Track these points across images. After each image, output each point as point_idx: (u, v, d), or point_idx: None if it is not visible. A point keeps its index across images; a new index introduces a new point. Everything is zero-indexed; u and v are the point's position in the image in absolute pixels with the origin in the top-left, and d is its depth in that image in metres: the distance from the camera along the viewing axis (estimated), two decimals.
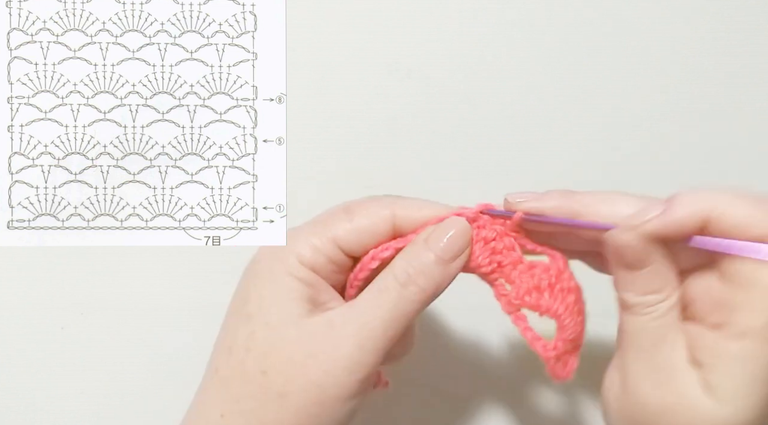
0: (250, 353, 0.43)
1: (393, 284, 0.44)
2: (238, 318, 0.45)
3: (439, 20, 0.57)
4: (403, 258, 0.44)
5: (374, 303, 0.44)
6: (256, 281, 0.45)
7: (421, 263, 0.44)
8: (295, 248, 0.45)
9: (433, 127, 0.57)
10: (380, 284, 0.44)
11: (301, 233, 0.46)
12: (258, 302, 0.44)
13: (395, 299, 0.44)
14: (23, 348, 0.56)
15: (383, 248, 0.45)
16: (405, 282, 0.44)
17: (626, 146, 0.58)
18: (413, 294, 0.44)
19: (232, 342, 0.44)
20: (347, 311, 0.44)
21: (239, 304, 0.45)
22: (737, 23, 0.58)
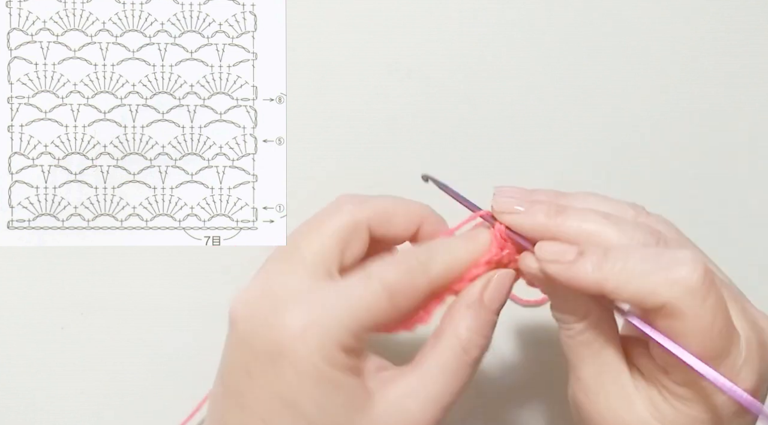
0: None
1: (467, 360, 0.42)
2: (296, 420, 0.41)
3: (439, 20, 0.57)
4: (470, 327, 0.42)
5: (451, 385, 0.42)
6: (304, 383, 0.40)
7: (489, 330, 0.43)
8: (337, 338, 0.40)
9: (433, 127, 0.57)
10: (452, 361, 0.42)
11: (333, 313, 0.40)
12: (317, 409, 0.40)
13: (469, 374, 0.43)
14: (23, 348, 0.56)
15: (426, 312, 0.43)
16: (479, 357, 0.43)
17: (626, 146, 0.58)
18: (478, 364, 0.43)
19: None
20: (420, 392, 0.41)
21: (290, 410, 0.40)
22: (737, 23, 0.58)
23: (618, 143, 0.58)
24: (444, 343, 0.42)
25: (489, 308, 0.43)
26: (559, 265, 0.41)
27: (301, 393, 0.40)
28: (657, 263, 0.39)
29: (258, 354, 0.41)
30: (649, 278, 0.39)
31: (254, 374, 0.41)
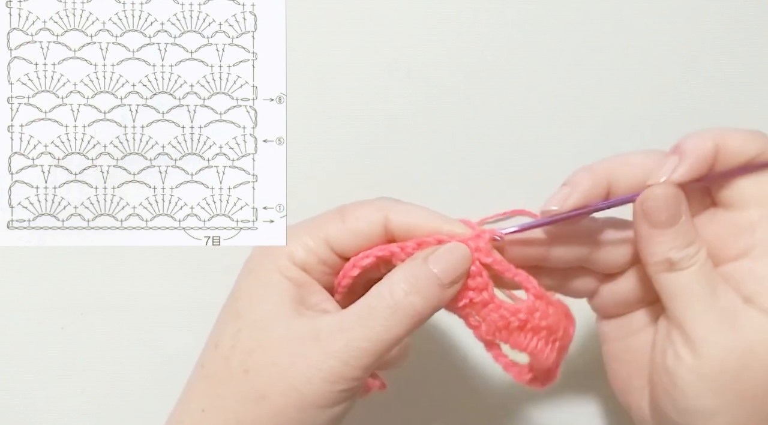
0: (235, 350, 0.43)
1: (386, 302, 0.42)
2: (227, 315, 0.45)
3: (439, 20, 0.57)
4: (401, 274, 0.43)
5: (364, 322, 0.42)
6: (248, 278, 0.45)
7: (421, 282, 0.43)
8: (287, 247, 0.45)
9: (433, 127, 0.57)
10: (372, 301, 0.43)
11: (295, 232, 0.46)
12: (247, 299, 0.44)
13: (386, 320, 0.42)
14: (23, 348, 0.56)
15: (364, 256, 0.44)
16: (400, 303, 0.42)
17: (626, 146, 0.58)
18: (407, 315, 0.42)
19: (218, 339, 0.45)
20: (335, 323, 0.43)
21: (230, 301, 0.46)
22: (737, 23, 0.58)
23: (618, 143, 0.58)
24: (375, 289, 0.43)
25: (431, 266, 0.43)
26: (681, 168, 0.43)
27: (242, 287, 0.45)
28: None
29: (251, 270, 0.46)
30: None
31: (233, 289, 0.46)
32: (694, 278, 0.43)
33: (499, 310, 0.44)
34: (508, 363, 0.46)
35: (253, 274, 0.45)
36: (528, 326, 0.45)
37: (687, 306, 0.43)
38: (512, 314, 0.44)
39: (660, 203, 0.43)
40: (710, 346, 0.42)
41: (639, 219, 0.44)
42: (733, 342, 0.42)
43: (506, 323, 0.44)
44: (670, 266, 0.43)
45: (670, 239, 0.43)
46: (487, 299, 0.44)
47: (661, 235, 0.43)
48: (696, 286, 0.43)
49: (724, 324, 0.42)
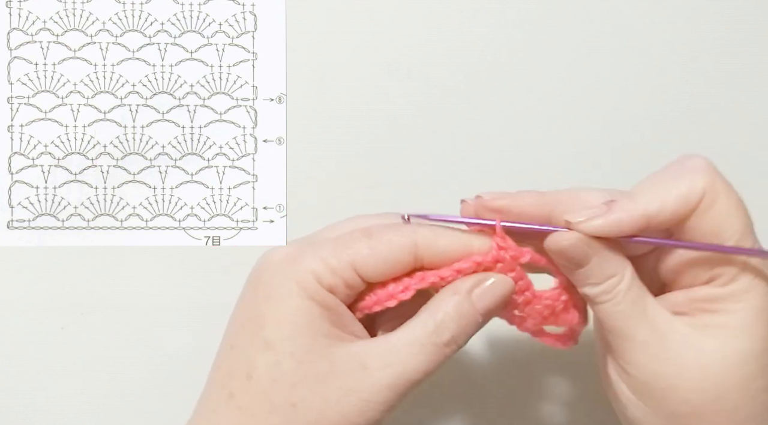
0: (277, 384, 0.42)
1: (436, 341, 0.42)
2: (255, 344, 0.42)
3: (439, 20, 0.57)
4: (449, 312, 0.43)
5: (414, 358, 0.42)
6: (272, 303, 0.42)
7: (467, 323, 0.43)
8: (312, 267, 0.42)
9: (433, 127, 0.57)
10: (422, 336, 0.42)
11: (317, 251, 0.43)
12: (277, 329, 0.42)
13: (436, 356, 0.42)
14: (23, 348, 0.56)
15: (404, 289, 0.43)
16: (449, 342, 0.42)
17: (626, 146, 0.58)
18: (451, 351, 0.43)
19: (250, 370, 0.42)
20: (383, 356, 0.42)
21: (253, 327, 0.43)
22: (737, 23, 0.58)
23: (618, 143, 0.58)
24: (418, 320, 0.43)
25: (474, 303, 0.43)
26: (599, 219, 0.42)
27: (266, 310, 0.42)
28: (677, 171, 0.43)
29: (247, 285, 0.44)
30: (680, 180, 0.42)
31: (238, 303, 0.44)
32: (612, 312, 0.43)
33: (542, 301, 0.45)
34: (553, 338, 0.47)
35: (276, 297, 0.42)
36: (570, 304, 0.46)
37: (611, 334, 0.43)
38: (555, 300, 0.45)
39: (563, 250, 0.42)
40: (637, 369, 0.43)
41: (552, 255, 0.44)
42: (654, 367, 0.42)
43: (552, 310, 0.45)
44: (589, 301, 0.44)
45: (582, 278, 0.43)
46: (530, 297, 0.45)
47: (573, 273, 0.43)
48: (615, 319, 0.43)
49: (644, 351, 0.42)
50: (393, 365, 0.42)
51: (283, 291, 0.42)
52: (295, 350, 0.42)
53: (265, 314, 0.42)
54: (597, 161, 0.58)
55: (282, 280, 0.42)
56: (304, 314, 0.42)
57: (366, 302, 0.44)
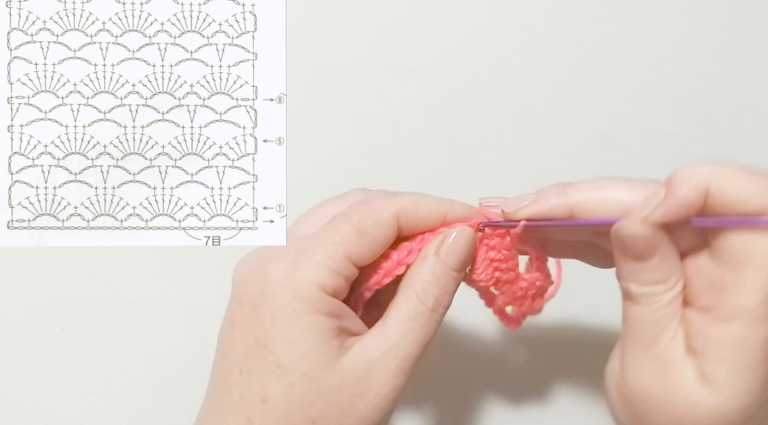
0: (294, 406, 0.42)
1: (422, 309, 0.43)
2: (267, 368, 0.42)
3: (439, 20, 0.57)
4: (422, 277, 0.44)
5: (409, 333, 0.43)
6: (278, 325, 0.42)
7: (445, 282, 0.44)
8: (314, 277, 0.42)
9: (433, 127, 0.57)
10: (408, 310, 0.43)
11: (311, 257, 0.43)
12: (288, 350, 0.42)
13: (427, 325, 0.43)
14: (23, 348, 0.56)
15: (408, 253, 0.44)
16: (435, 306, 0.43)
17: (626, 146, 0.58)
18: (440, 315, 0.44)
19: (266, 394, 0.42)
20: (381, 345, 0.43)
21: (263, 352, 0.42)
22: (737, 23, 0.58)
23: (618, 143, 0.58)
24: (402, 296, 0.44)
25: (445, 261, 0.44)
26: (662, 207, 0.40)
27: (275, 333, 0.42)
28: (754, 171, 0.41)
29: (243, 304, 0.43)
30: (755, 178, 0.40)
31: (236, 323, 0.43)
32: (643, 317, 0.42)
33: (519, 282, 0.47)
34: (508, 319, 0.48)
35: (283, 317, 0.42)
36: (542, 291, 0.47)
37: (629, 338, 0.42)
38: (532, 284, 0.47)
39: (629, 240, 0.41)
40: (634, 380, 0.42)
41: (612, 244, 0.42)
42: (655, 387, 0.42)
43: (525, 294, 0.47)
44: (628, 296, 0.42)
45: (635, 272, 0.42)
46: (514, 277, 0.46)
47: (629, 264, 0.42)
48: (642, 325, 0.42)
49: (652, 369, 0.42)
50: (393, 349, 0.43)
51: (288, 311, 0.42)
52: (308, 369, 0.42)
53: (274, 337, 0.42)
54: (597, 161, 0.58)
55: (286, 299, 0.42)
56: (313, 331, 0.42)
57: (375, 278, 0.45)
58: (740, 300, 0.39)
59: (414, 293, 0.43)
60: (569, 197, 0.43)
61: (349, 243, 0.43)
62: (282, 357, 0.42)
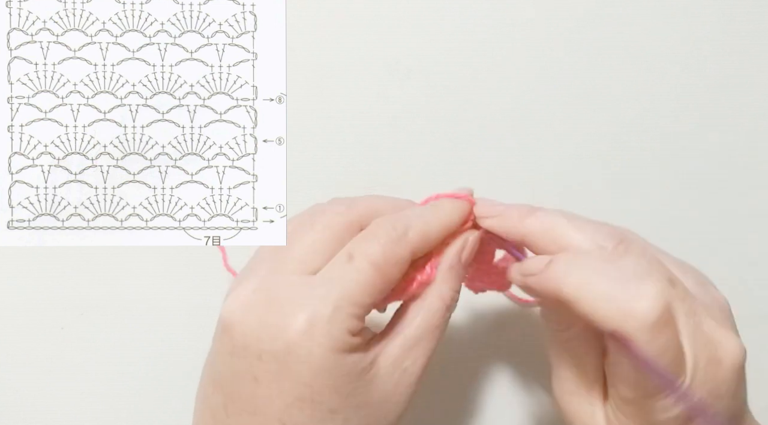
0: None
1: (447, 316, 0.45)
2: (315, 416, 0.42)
3: (439, 20, 0.57)
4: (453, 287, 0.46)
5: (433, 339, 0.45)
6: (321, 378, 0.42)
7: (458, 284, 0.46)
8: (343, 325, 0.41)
9: (433, 127, 0.57)
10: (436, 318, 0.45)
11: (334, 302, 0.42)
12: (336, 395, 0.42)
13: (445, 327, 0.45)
14: (23, 348, 0.56)
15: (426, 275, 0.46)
16: (450, 305, 0.46)
17: (626, 146, 0.58)
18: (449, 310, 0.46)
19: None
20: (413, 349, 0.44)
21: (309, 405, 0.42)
22: (737, 23, 0.58)
23: (618, 143, 0.58)
24: (429, 303, 0.45)
25: (465, 266, 0.47)
26: (533, 278, 0.44)
27: (318, 385, 0.41)
28: (621, 291, 0.40)
29: (263, 357, 0.41)
30: (609, 303, 0.40)
31: (262, 378, 0.42)
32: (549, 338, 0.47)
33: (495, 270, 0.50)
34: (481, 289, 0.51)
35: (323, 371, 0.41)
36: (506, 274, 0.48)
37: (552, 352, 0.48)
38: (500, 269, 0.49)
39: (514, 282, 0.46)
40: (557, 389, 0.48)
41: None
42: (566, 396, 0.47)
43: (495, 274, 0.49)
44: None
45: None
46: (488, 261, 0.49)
47: None
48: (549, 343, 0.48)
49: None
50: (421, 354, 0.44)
51: (329, 364, 0.41)
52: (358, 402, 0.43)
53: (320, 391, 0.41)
54: (597, 161, 0.58)
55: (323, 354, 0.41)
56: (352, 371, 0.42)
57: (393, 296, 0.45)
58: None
59: (443, 302, 0.45)
60: (525, 226, 0.45)
61: (372, 287, 0.43)
62: (333, 403, 0.42)
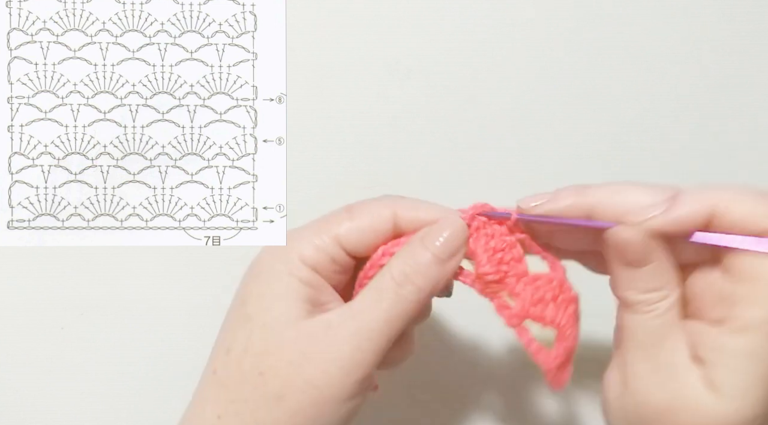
0: (248, 354, 0.43)
1: (390, 284, 0.43)
2: (237, 319, 0.45)
3: (439, 20, 0.57)
4: (400, 258, 0.44)
5: (372, 304, 0.43)
6: (257, 281, 0.45)
7: (418, 262, 0.44)
8: (297, 248, 0.44)
9: (433, 127, 0.57)
10: (378, 285, 0.44)
11: (303, 232, 0.45)
12: (257, 302, 0.44)
13: (393, 299, 0.43)
14: (23, 348, 0.56)
15: (393, 244, 0.45)
16: (402, 282, 0.43)
17: (626, 146, 0.58)
18: (410, 294, 0.43)
19: (230, 343, 0.44)
20: (345, 312, 0.44)
21: (238, 304, 0.45)
22: (737, 23, 0.58)
23: (618, 143, 0.58)
24: (378, 275, 0.44)
25: (426, 245, 0.44)
26: (660, 217, 0.41)
27: (251, 289, 0.45)
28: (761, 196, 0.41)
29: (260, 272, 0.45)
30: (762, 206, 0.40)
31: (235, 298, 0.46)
32: (642, 325, 0.42)
33: (535, 282, 0.45)
34: (537, 347, 0.45)
35: (262, 276, 0.45)
36: (561, 298, 0.45)
37: (629, 347, 0.43)
38: (547, 283, 0.45)
39: (626, 245, 0.42)
40: (638, 389, 0.42)
41: (607, 249, 0.43)
42: (661, 395, 0.42)
43: (541, 296, 0.44)
44: (624, 304, 0.43)
45: (631, 280, 0.42)
46: (522, 271, 0.45)
47: (624, 272, 0.42)
48: (643, 333, 0.42)
49: (656, 377, 0.42)
50: (354, 317, 0.43)
51: (269, 271, 0.45)
52: (267, 320, 0.43)
53: (251, 292, 0.45)
54: (597, 161, 0.58)
55: (270, 261, 0.45)
56: (284, 289, 0.44)
57: (363, 271, 0.45)
58: (753, 313, 0.40)
59: (388, 271, 0.44)
60: (588, 196, 0.43)
61: (339, 225, 0.45)
62: (251, 308, 0.44)
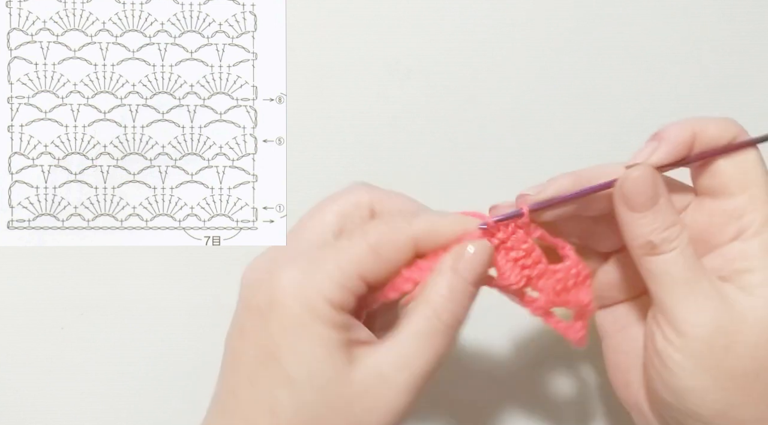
0: (302, 418, 0.42)
1: (439, 325, 0.43)
2: (276, 379, 0.42)
3: (439, 20, 0.57)
4: (442, 293, 0.43)
5: (424, 350, 0.43)
6: (286, 335, 0.42)
7: (462, 297, 0.43)
8: (323, 291, 0.42)
9: (433, 127, 0.57)
10: (424, 326, 0.43)
11: (323, 268, 0.42)
12: (297, 363, 0.42)
13: (443, 341, 0.43)
14: (23, 348, 0.56)
15: (416, 269, 0.44)
16: (452, 324, 0.43)
17: (627, 146, 0.58)
18: (456, 331, 0.43)
19: (274, 406, 0.42)
20: (395, 360, 0.42)
21: (272, 363, 0.42)
22: (737, 23, 0.58)
23: (618, 143, 0.58)
24: (417, 310, 0.43)
25: (462, 275, 0.43)
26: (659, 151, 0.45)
27: (284, 344, 0.42)
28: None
29: (252, 311, 0.43)
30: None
31: (246, 331, 0.43)
32: (676, 261, 0.44)
33: (556, 275, 0.46)
34: (565, 326, 0.47)
35: (292, 331, 0.42)
36: (580, 280, 0.47)
37: (670, 289, 0.44)
38: (566, 272, 0.46)
39: (638, 184, 0.44)
40: (694, 327, 0.43)
41: (619, 203, 0.45)
42: (717, 321, 0.43)
43: (564, 285, 0.46)
44: (651, 250, 0.44)
45: (649, 222, 0.44)
46: (543, 270, 0.46)
47: (641, 218, 0.44)
48: (678, 269, 0.44)
49: (706, 304, 0.43)
50: (408, 366, 0.42)
51: (298, 323, 0.42)
52: (317, 382, 0.42)
53: (284, 350, 0.42)
54: (597, 161, 0.58)
55: (295, 310, 0.42)
56: (322, 344, 0.42)
57: (382, 292, 0.44)
58: (760, 213, 0.44)
59: (430, 309, 0.43)
60: (582, 174, 0.46)
61: (363, 262, 0.42)
62: (292, 369, 0.42)
